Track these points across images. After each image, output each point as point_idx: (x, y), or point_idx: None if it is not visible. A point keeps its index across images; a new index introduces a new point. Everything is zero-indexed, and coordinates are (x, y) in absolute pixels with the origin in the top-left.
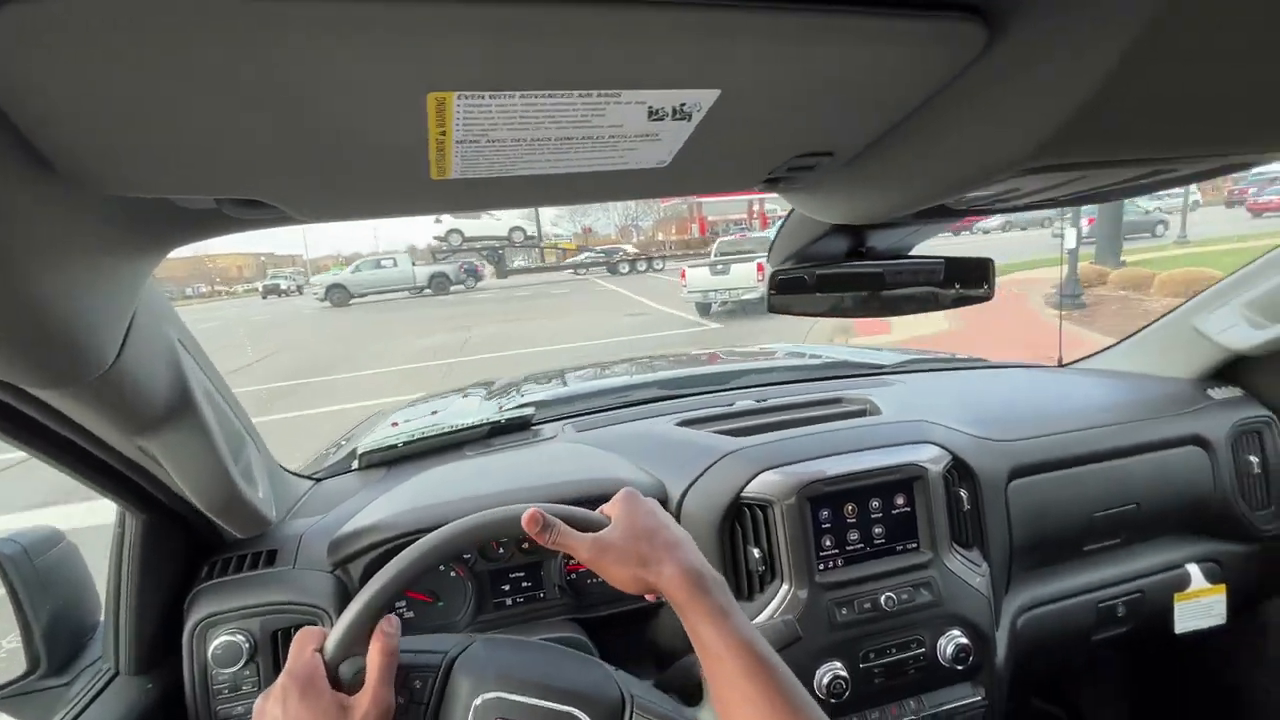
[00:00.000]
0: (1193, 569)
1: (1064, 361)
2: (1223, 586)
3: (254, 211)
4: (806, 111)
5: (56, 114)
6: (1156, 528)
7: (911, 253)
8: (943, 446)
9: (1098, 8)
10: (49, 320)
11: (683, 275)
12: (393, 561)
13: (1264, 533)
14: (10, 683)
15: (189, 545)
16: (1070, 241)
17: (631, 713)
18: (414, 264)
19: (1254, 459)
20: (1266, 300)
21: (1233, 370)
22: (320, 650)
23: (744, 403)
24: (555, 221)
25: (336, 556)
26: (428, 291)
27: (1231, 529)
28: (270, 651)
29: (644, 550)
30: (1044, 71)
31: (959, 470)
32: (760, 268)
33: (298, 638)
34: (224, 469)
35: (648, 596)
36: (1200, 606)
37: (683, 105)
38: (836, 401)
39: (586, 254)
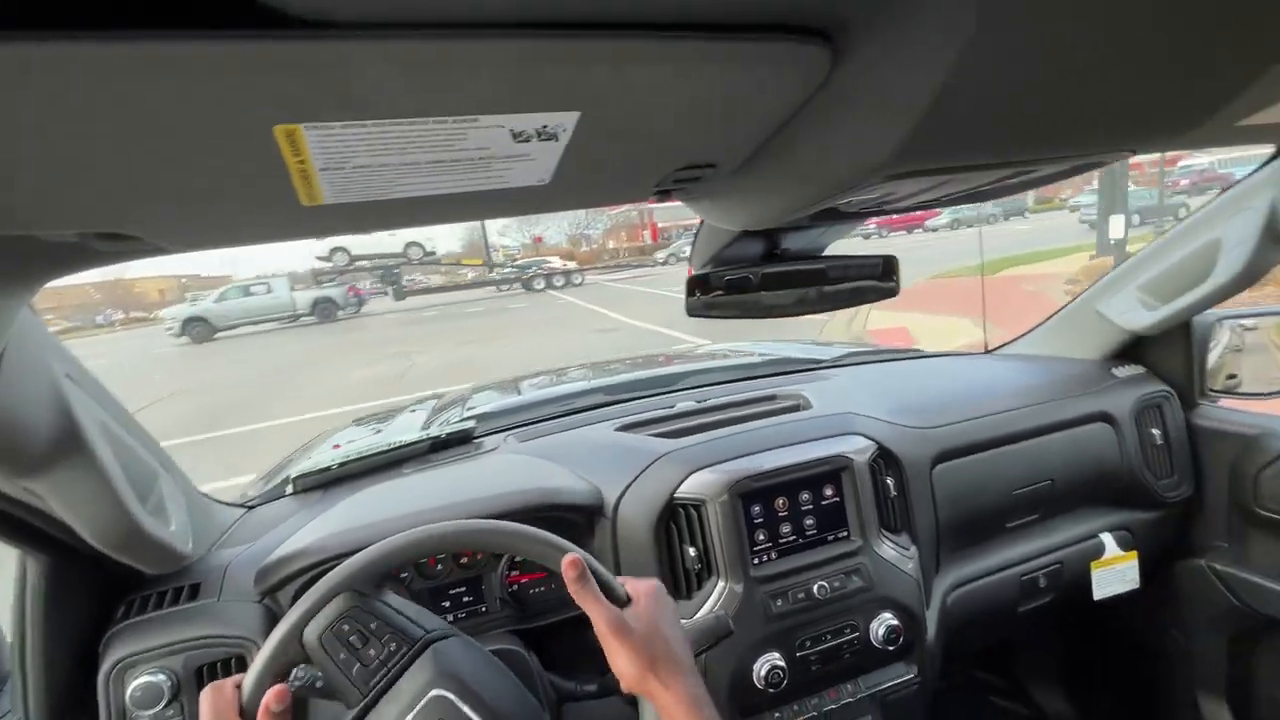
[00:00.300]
0: (1106, 538)
1: (989, 348)
2: (1134, 553)
3: (121, 244)
4: (677, 128)
5: None
6: (1071, 501)
7: (825, 252)
8: (868, 437)
9: (922, 30)
10: None
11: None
12: (320, 583)
13: (1168, 500)
14: None
15: (101, 584)
16: (1117, 230)
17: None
18: (293, 289)
19: (1156, 431)
20: (1157, 283)
21: (1135, 349)
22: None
23: (684, 404)
24: (503, 231)
25: (264, 585)
26: (310, 319)
27: (1139, 498)
28: (195, 689)
29: (658, 656)
30: (885, 88)
31: (885, 459)
32: None
33: (205, 695)
34: (122, 507)
35: (627, 689)
36: (1115, 573)
37: (545, 127)
38: (771, 398)
39: (501, 269)
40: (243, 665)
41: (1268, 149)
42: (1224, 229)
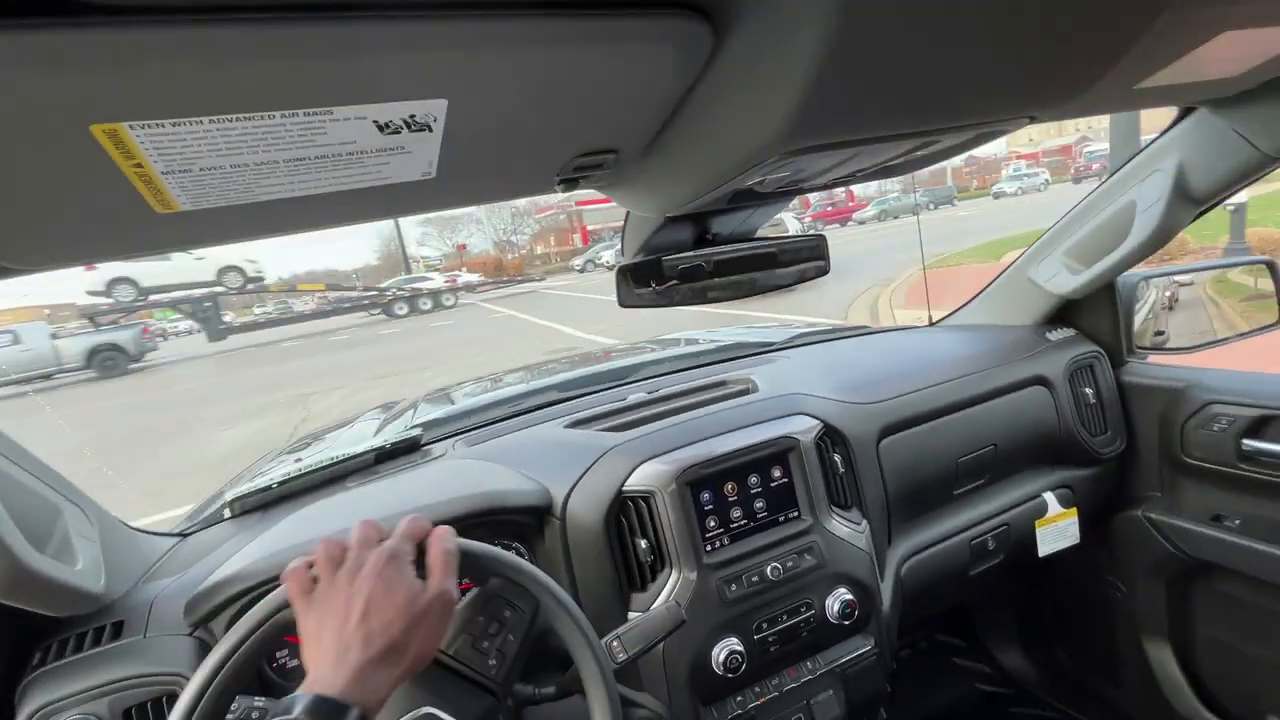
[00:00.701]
0: (1048, 497)
1: (934, 320)
2: (1074, 510)
3: None
4: (564, 113)
5: None
6: (1014, 464)
7: (757, 234)
8: (814, 416)
9: (794, 7)
10: None
11: None
12: None
13: (1103, 456)
14: None
15: (11, 631)
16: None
17: None
18: (54, 336)
19: (1089, 391)
20: (1079, 247)
21: (1066, 313)
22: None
23: (635, 396)
24: (423, 240)
25: (194, 616)
26: (89, 374)
27: (1077, 456)
28: None
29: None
30: (769, 61)
31: (831, 437)
32: None
33: (403, 524)
34: (5, 550)
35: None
36: (1057, 530)
37: (413, 117)
38: (720, 385)
39: (350, 294)
40: (174, 702)
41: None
42: (1137, 191)
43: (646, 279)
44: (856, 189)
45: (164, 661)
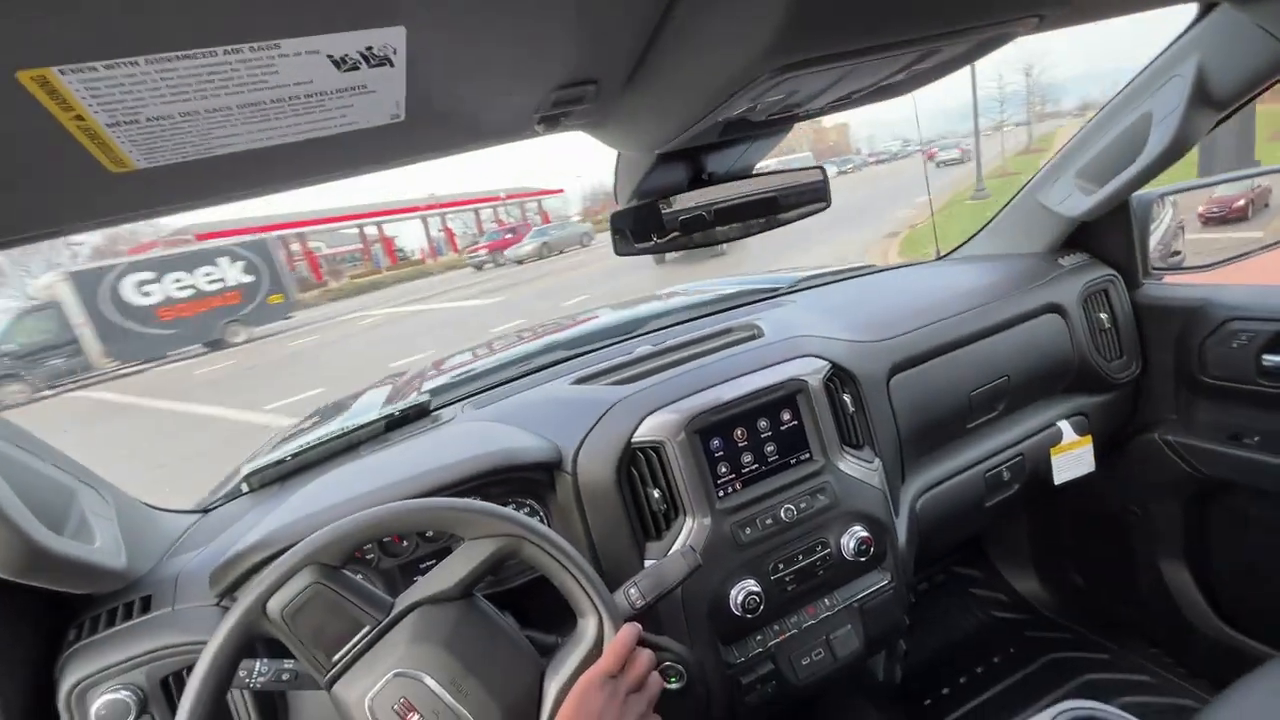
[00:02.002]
0: (1063, 425)
1: (941, 254)
2: (1089, 437)
3: None
4: (533, 38)
5: None
6: (1028, 394)
7: (755, 170)
8: (821, 357)
9: None
10: None
11: None
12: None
13: (1119, 380)
14: None
15: (44, 611)
16: None
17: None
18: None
19: (1103, 315)
20: (1092, 167)
21: (1079, 236)
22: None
23: (642, 349)
24: None
25: (219, 587)
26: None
27: (1092, 383)
28: (163, 699)
29: None
30: None
31: (840, 377)
32: None
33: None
34: (19, 532)
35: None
36: (1072, 457)
37: (370, 49)
38: (726, 332)
39: None
40: None
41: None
42: (1152, 102)
43: (645, 227)
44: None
45: (194, 631)
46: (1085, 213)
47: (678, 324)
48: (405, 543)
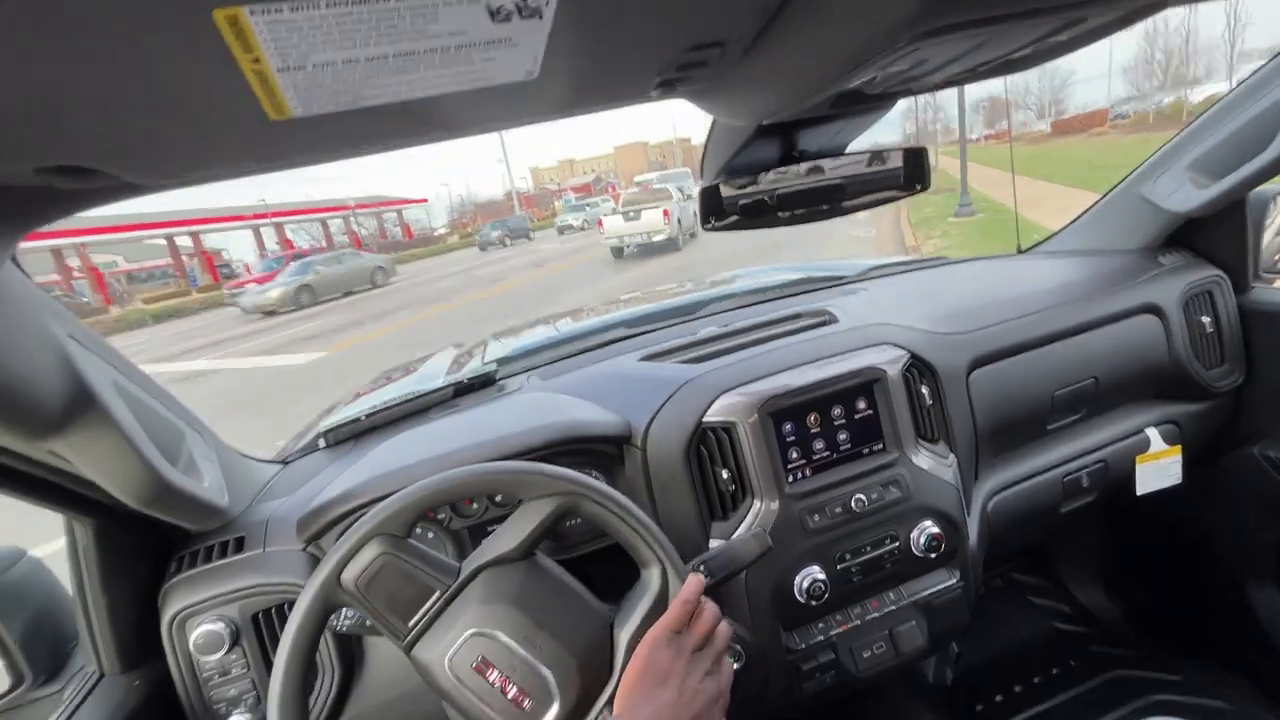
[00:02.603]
0: (1152, 433)
1: (1022, 248)
2: (1178, 447)
3: (85, 180)
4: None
5: None
6: (1115, 398)
7: (849, 149)
8: (900, 346)
9: None
10: None
11: (600, 223)
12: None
13: (1218, 389)
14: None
15: (150, 542)
16: None
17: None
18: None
19: (1206, 319)
20: (1209, 159)
21: (1183, 233)
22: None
23: (708, 330)
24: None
25: (306, 533)
26: None
27: (1187, 390)
28: (254, 633)
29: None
30: None
31: (919, 368)
32: (666, 214)
33: (696, 601)
34: (148, 465)
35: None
36: (1158, 468)
37: (526, 1)
38: (796, 317)
39: None
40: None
41: None
42: None
43: (731, 198)
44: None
45: (282, 572)
46: (1197, 208)
47: (742, 307)
48: (475, 505)
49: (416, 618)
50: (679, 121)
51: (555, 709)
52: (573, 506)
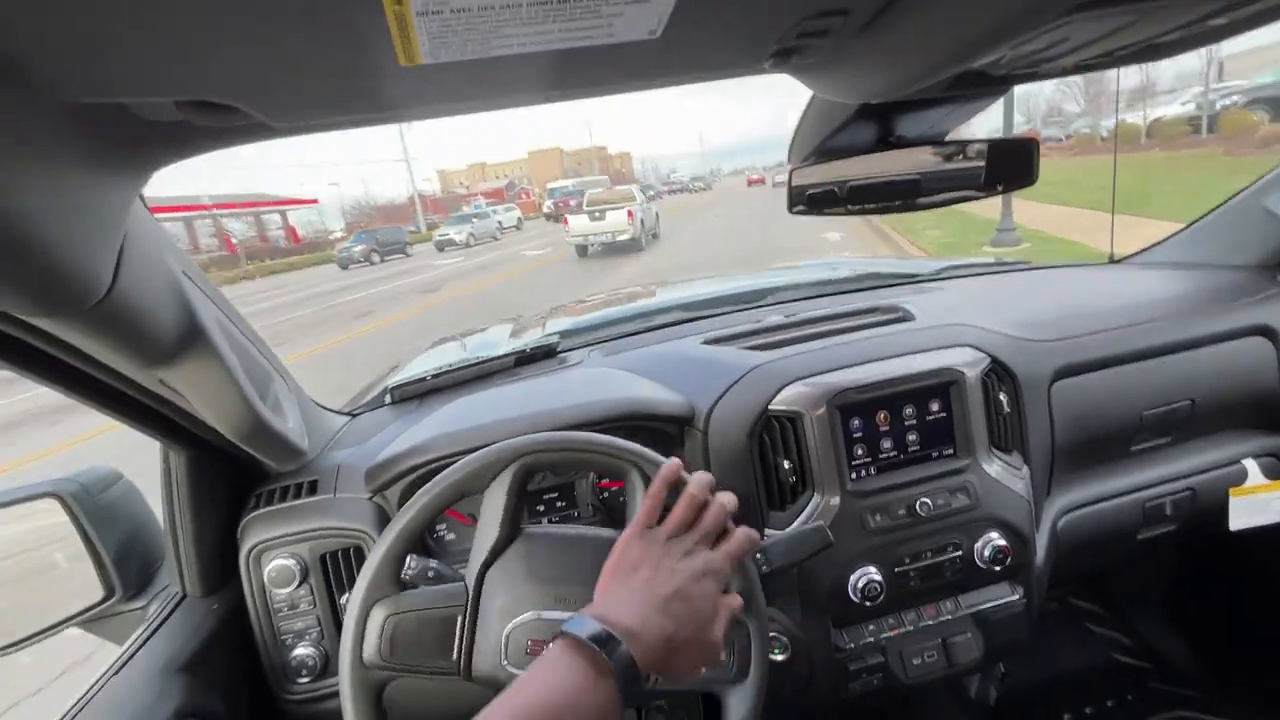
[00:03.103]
0: (1251, 464)
1: (1116, 257)
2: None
3: (221, 118)
4: None
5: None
6: (1212, 424)
7: (948, 138)
8: (980, 349)
9: None
10: (27, 241)
11: (565, 222)
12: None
13: None
14: (90, 608)
15: (235, 477)
16: None
17: None
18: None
19: None
20: None
21: None
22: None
23: (772, 318)
24: None
25: (374, 484)
26: None
27: None
28: (321, 572)
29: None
30: None
31: (998, 373)
32: (630, 215)
33: (744, 541)
34: (246, 401)
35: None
36: (1255, 503)
37: None
38: (869, 311)
39: None
40: (360, 555)
41: None
42: None
43: (820, 195)
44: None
45: (351, 519)
46: None
47: (808, 298)
48: (538, 475)
49: (456, 649)
50: (596, 129)
51: None
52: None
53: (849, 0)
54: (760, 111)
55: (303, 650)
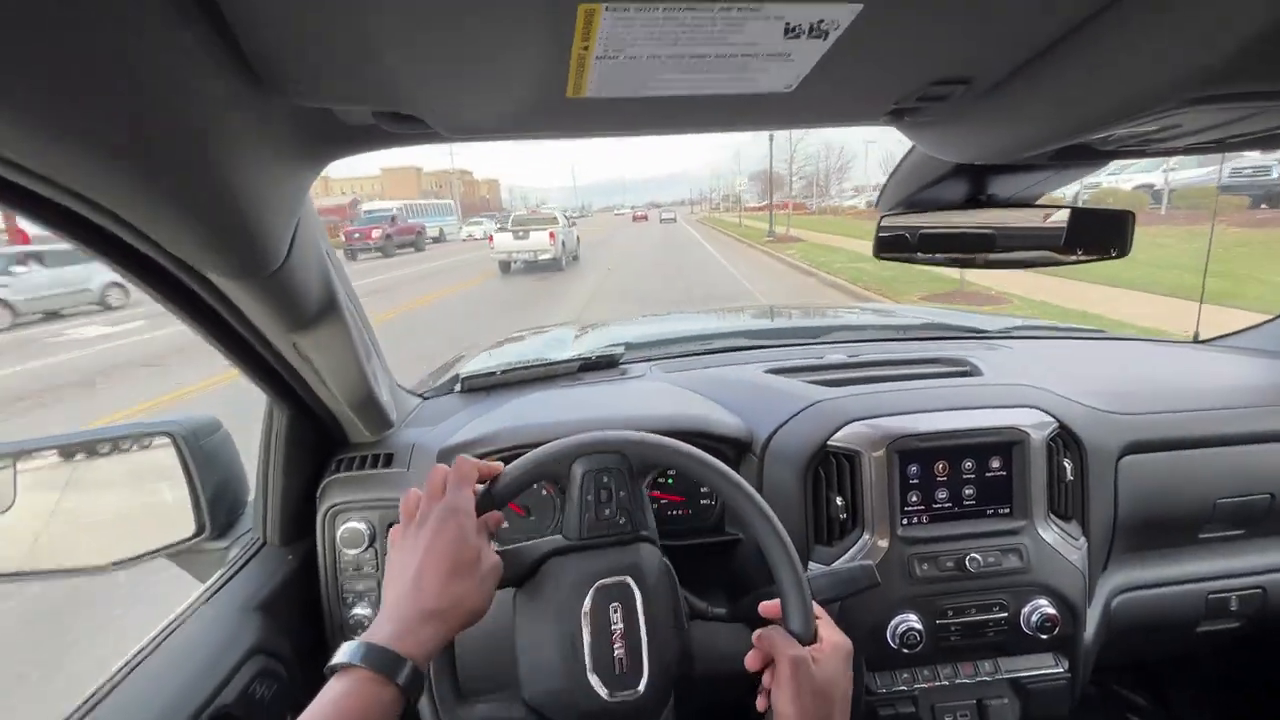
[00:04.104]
0: None
1: (1202, 338)
2: None
3: (404, 126)
4: (949, 32)
5: (267, 17)
6: None
7: (1039, 201)
8: (1048, 412)
9: None
10: (238, 214)
11: (490, 239)
12: (570, 440)
13: None
14: (181, 541)
15: (321, 442)
16: None
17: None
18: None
19: None
20: None
21: None
22: (475, 491)
23: (834, 356)
24: None
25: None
26: None
27: None
28: (383, 540)
29: (822, 715)
30: None
31: (1065, 439)
32: (552, 236)
33: (453, 471)
34: (363, 369)
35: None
36: None
37: (820, 22)
38: (933, 361)
39: None
40: None
41: None
42: None
43: (903, 242)
44: None
45: None
46: None
47: (869, 340)
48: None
49: (598, 532)
50: (459, 151)
51: None
52: (647, 464)
53: (972, 70)
54: (631, 156)
55: (360, 610)
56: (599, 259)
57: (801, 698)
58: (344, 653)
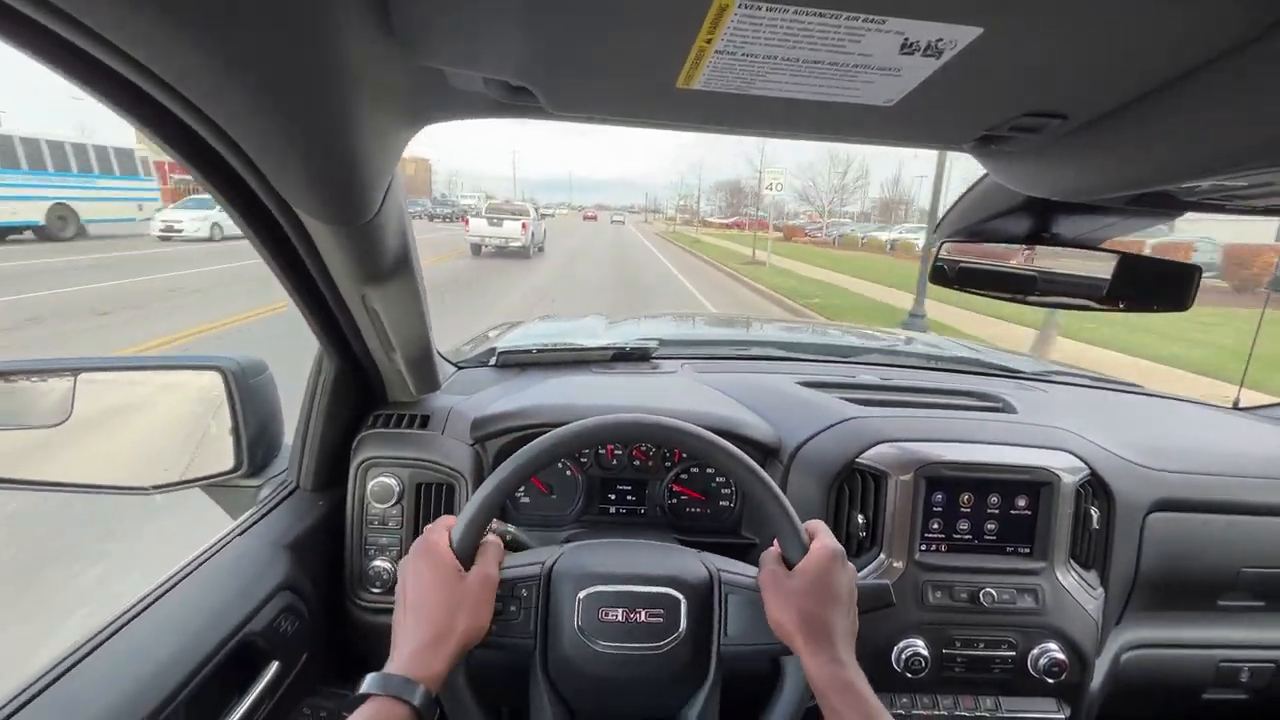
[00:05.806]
0: None
1: (1242, 405)
2: None
3: (511, 96)
4: (1056, 65)
5: None
6: None
7: (1103, 245)
8: (1082, 458)
9: None
10: (345, 162)
11: (465, 222)
12: (549, 437)
13: None
14: (220, 474)
15: (362, 398)
16: None
17: (720, 585)
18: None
19: None
20: None
21: None
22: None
23: (867, 377)
24: None
25: (479, 433)
26: None
27: None
28: (414, 499)
29: (812, 622)
30: None
31: (1095, 487)
32: (524, 226)
33: (434, 525)
34: (423, 328)
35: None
36: None
37: (938, 41)
38: (967, 394)
39: None
40: (450, 493)
41: None
42: None
43: (960, 272)
44: None
45: (451, 458)
46: None
47: (902, 366)
48: (616, 461)
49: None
50: (423, 139)
51: None
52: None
53: (1071, 104)
54: (576, 153)
55: (380, 563)
56: (561, 249)
57: (787, 604)
58: (367, 683)
